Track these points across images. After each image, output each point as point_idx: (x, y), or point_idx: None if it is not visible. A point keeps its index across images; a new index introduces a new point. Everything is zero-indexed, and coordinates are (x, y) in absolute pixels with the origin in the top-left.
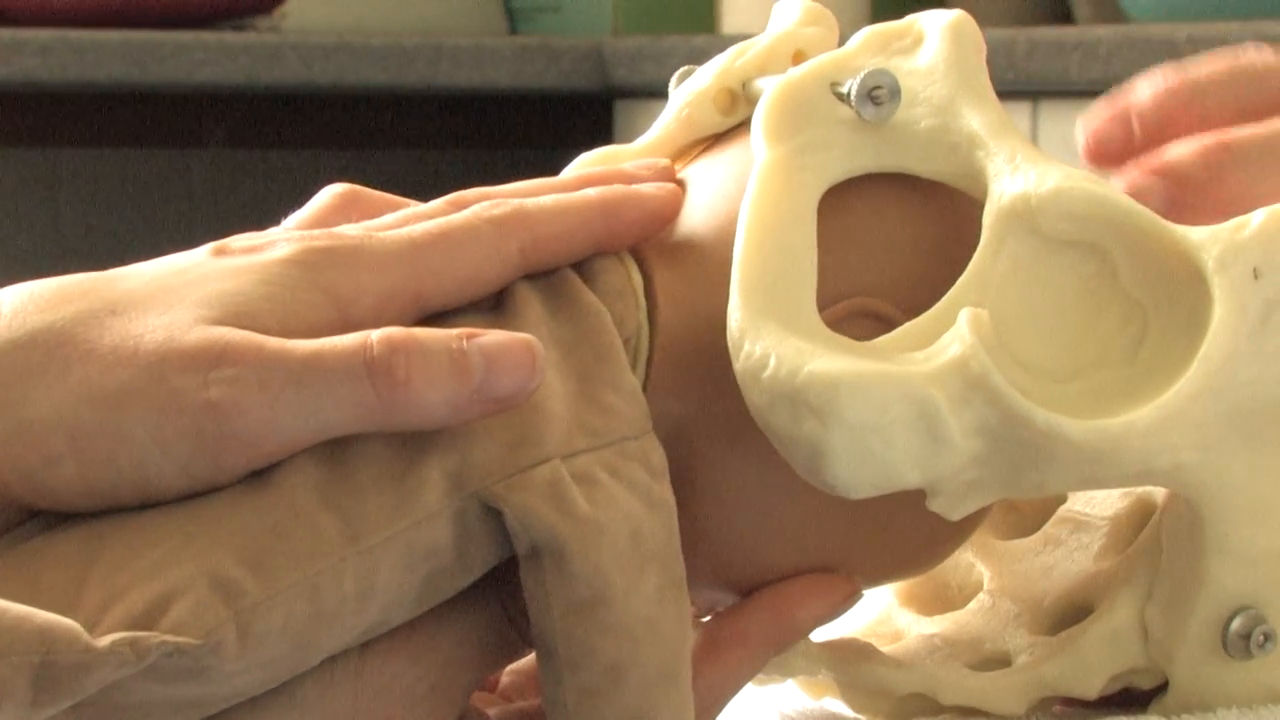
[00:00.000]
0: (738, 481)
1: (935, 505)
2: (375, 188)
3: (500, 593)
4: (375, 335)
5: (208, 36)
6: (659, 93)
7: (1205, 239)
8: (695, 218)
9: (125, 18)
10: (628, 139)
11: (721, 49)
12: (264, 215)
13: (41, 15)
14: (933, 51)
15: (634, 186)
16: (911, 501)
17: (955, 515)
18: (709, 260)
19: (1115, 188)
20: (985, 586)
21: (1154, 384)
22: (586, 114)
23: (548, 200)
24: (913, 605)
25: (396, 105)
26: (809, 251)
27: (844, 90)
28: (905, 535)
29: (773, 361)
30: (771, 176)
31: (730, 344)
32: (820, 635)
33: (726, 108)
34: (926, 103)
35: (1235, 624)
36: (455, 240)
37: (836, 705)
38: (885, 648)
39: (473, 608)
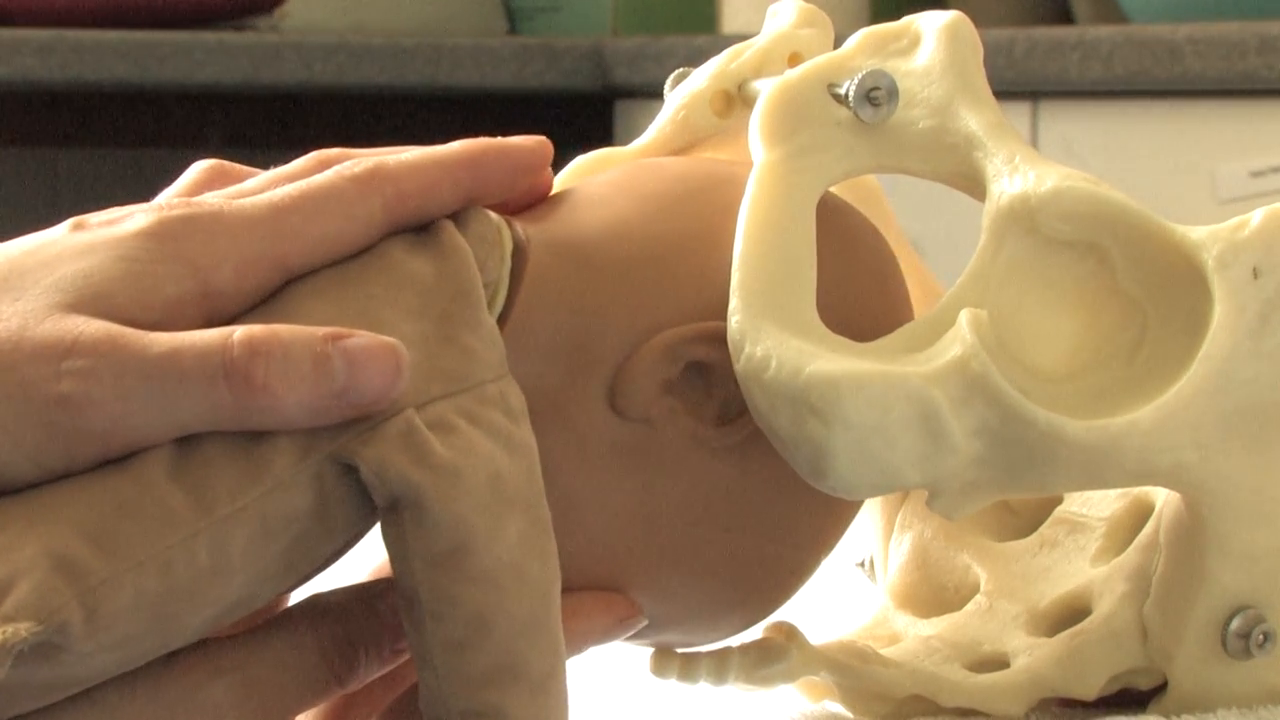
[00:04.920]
0: (550, 470)
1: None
2: None
3: (316, 627)
4: (237, 335)
5: (208, 36)
6: (659, 93)
7: (1205, 238)
8: (583, 209)
9: (125, 18)
10: (628, 139)
11: (721, 49)
12: None
13: (41, 15)
14: (930, 52)
15: (501, 139)
16: (725, 547)
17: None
18: (589, 248)
19: (1113, 188)
20: (982, 588)
21: (1154, 383)
22: (586, 114)
23: (409, 155)
24: (909, 607)
25: (396, 105)
26: (808, 253)
27: (842, 91)
28: (706, 577)
29: (774, 363)
30: (769, 178)
31: (730, 345)
32: (819, 637)
33: (722, 110)
34: (924, 103)
35: (1235, 624)
36: (316, 201)
37: (835, 707)
38: (883, 650)
39: (289, 634)
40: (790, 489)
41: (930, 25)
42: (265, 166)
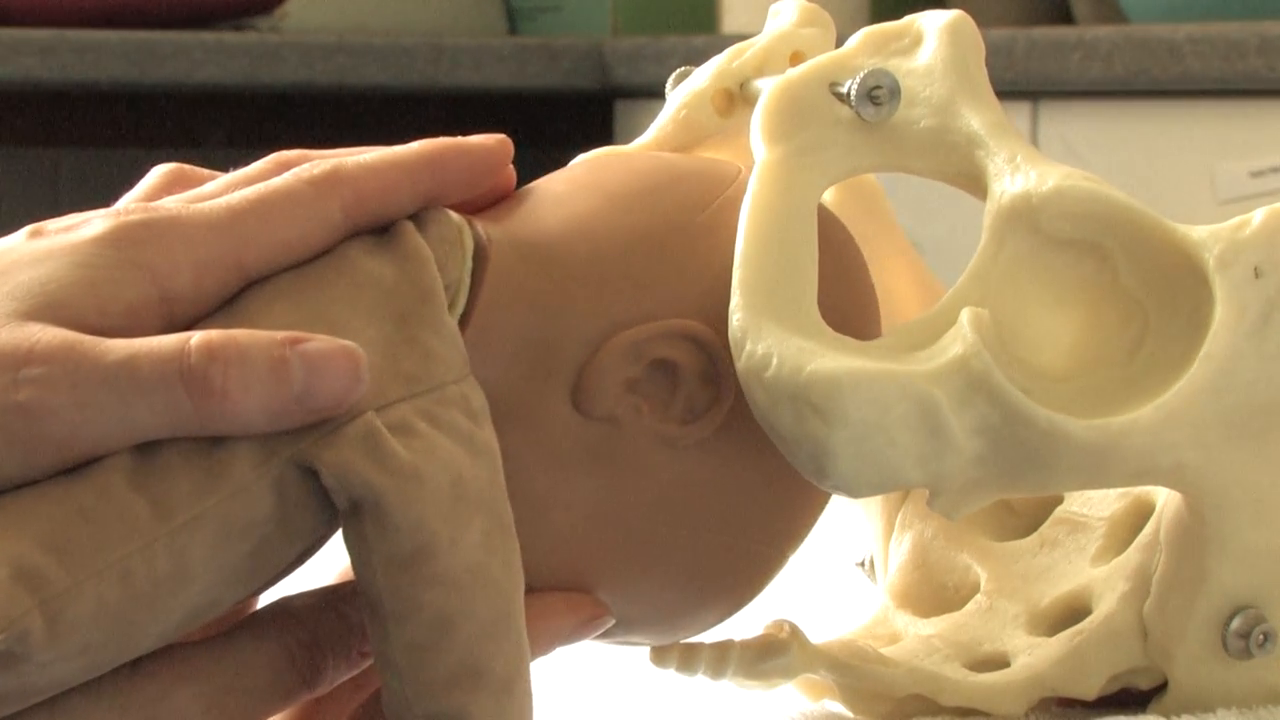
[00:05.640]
0: (516, 471)
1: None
2: None
3: (283, 631)
4: (194, 340)
5: (208, 36)
6: (659, 93)
7: (1206, 237)
8: (545, 207)
9: (125, 18)
10: (628, 139)
11: (721, 49)
12: None
13: (41, 15)
14: (931, 51)
15: (461, 139)
16: (692, 545)
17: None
18: (551, 247)
19: (1115, 188)
20: (982, 588)
21: (1155, 383)
22: (586, 114)
23: (368, 156)
24: (909, 606)
25: (396, 105)
26: (810, 251)
27: (843, 90)
28: (674, 575)
29: (775, 361)
30: (771, 177)
31: (732, 344)
32: (819, 637)
33: (724, 108)
34: (926, 103)
35: (1235, 623)
36: (274, 205)
37: (835, 706)
38: (883, 649)
39: (256, 639)
40: (757, 485)
41: (932, 24)
42: None
